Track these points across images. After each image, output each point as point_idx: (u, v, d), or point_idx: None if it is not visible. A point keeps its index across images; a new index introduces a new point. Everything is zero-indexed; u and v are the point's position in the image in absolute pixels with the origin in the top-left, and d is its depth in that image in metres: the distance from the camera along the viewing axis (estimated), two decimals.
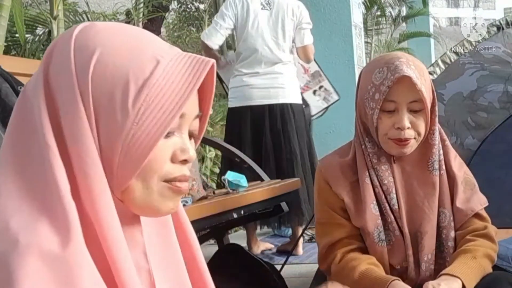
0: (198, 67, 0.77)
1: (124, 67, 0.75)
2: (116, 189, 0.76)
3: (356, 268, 1.56)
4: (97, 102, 0.74)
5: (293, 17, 3.69)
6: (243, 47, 3.72)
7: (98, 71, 0.74)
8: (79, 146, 0.73)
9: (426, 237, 1.61)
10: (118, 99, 0.74)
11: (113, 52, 0.76)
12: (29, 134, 0.75)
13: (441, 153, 1.67)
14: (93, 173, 0.73)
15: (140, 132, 0.74)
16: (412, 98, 1.56)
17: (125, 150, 0.74)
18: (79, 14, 7.11)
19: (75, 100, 0.74)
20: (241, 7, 3.71)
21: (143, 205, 0.78)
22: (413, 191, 1.64)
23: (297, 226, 3.68)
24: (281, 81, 3.64)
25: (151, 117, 0.74)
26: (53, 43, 0.79)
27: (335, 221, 1.66)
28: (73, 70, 0.75)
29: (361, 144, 1.67)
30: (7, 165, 0.74)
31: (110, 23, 0.80)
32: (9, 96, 1.99)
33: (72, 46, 0.76)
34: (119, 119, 0.74)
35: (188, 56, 0.78)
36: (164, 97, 0.75)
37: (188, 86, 0.76)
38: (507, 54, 2.81)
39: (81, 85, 0.74)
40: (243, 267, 2.22)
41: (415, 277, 1.62)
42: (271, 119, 3.63)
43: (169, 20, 11.10)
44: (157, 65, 0.76)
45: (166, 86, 0.75)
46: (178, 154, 0.79)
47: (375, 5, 10.87)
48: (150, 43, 0.79)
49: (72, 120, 0.74)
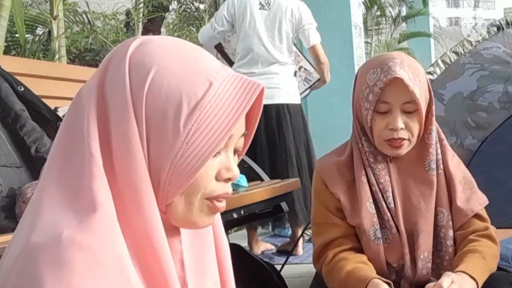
0: (249, 90, 0.80)
1: (178, 87, 0.77)
2: (160, 203, 0.78)
3: (344, 268, 1.57)
4: (149, 120, 0.76)
5: (291, 18, 3.67)
6: (240, 47, 3.71)
7: (152, 90, 0.77)
8: (129, 160, 0.75)
9: (422, 235, 1.61)
10: (170, 118, 0.76)
11: (168, 72, 0.77)
12: (76, 140, 0.77)
13: (438, 152, 1.67)
14: (142, 186, 0.75)
15: (189, 152, 0.76)
16: (405, 99, 1.57)
17: (174, 168, 0.77)
18: (79, 14, 7.12)
19: (129, 115, 0.76)
20: (238, 7, 3.70)
21: (183, 219, 0.81)
22: (409, 190, 1.65)
23: (295, 227, 3.68)
24: (276, 82, 3.62)
25: (200, 138, 0.76)
26: (110, 54, 0.81)
27: (330, 221, 1.67)
28: (128, 86, 0.76)
29: (357, 143, 1.67)
30: (52, 170, 0.77)
31: (167, 40, 0.82)
32: (9, 96, 1.99)
33: (127, 62, 0.78)
34: (170, 138, 0.76)
35: (240, 78, 0.81)
36: (214, 119, 0.77)
37: (238, 109, 0.78)
38: (507, 54, 2.81)
39: (135, 102, 0.76)
40: (243, 267, 2.22)
41: (412, 275, 1.63)
42: (267, 120, 3.62)
43: (169, 20, 11.10)
44: (209, 87, 0.78)
45: (217, 108, 0.77)
46: (223, 173, 0.81)
47: (375, 5, 10.88)
48: (205, 63, 0.80)
49: (124, 134, 0.76)
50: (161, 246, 0.76)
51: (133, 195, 0.75)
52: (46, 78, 2.53)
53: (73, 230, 0.70)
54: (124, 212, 0.74)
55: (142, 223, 0.75)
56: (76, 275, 0.67)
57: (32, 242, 0.70)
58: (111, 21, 8.77)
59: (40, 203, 0.75)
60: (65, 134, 0.79)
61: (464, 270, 1.51)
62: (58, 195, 0.74)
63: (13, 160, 1.89)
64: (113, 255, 0.71)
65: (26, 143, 1.93)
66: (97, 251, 0.69)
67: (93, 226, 0.71)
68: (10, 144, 1.92)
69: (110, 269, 0.70)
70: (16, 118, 1.96)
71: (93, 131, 0.76)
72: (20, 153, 1.92)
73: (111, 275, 0.70)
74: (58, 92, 2.50)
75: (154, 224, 0.75)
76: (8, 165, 1.86)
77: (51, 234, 0.70)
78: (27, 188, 1.71)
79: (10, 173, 1.85)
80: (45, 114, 2.04)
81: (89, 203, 0.72)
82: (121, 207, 0.74)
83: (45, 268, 0.68)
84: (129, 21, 8.50)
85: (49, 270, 0.67)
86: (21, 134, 1.94)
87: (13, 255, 0.72)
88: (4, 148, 1.89)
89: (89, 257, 0.69)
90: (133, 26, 7.88)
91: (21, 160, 1.91)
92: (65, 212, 0.72)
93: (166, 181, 0.77)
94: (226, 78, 0.79)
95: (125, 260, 0.72)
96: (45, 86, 2.43)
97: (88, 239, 0.69)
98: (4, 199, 1.76)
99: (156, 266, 0.76)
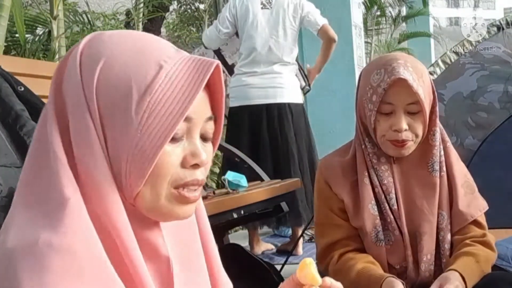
0: (202, 69, 0.76)
1: (127, 74, 0.75)
2: (128, 196, 0.77)
3: (353, 267, 1.57)
4: (102, 112, 0.75)
5: (294, 14, 3.67)
6: (243, 46, 3.72)
7: (102, 81, 0.75)
8: (88, 156, 0.74)
9: (425, 237, 1.61)
10: (121, 107, 0.74)
11: (116, 61, 0.76)
12: (43, 143, 0.77)
13: (442, 154, 1.66)
14: (104, 183, 0.74)
15: (144, 139, 0.74)
16: (409, 100, 1.56)
17: (131, 158, 0.74)
18: (79, 14, 7.11)
19: (83, 111, 0.74)
20: (240, 7, 3.70)
21: (153, 211, 0.78)
22: (412, 192, 1.64)
23: (295, 227, 3.67)
24: (279, 81, 3.63)
25: (154, 123, 0.74)
26: (66, 54, 0.80)
27: (334, 222, 1.66)
28: (80, 81, 0.75)
29: (361, 144, 1.67)
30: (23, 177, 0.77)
31: (116, 32, 0.80)
32: (9, 96, 1.99)
33: (78, 58, 0.77)
34: (124, 127, 0.74)
35: (193, 59, 0.77)
36: (167, 102, 0.74)
37: (192, 90, 0.75)
38: (507, 54, 2.81)
39: (88, 96, 0.75)
40: (243, 267, 2.22)
41: (415, 277, 1.62)
42: (269, 119, 3.63)
43: (169, 20, 11.10)
44: (159, 70, 0.75)
45: (169, 91, 0.75)
46: (188, 159, 0.78)
47: (375, 5, 10.87)
48: (155, 48, 0.78)
49: (81, 130, 0.74)
50: (129, 242, 0.74)
51: (96, 192, 0.74)
52: (46, 78, 2.53)
53: (48, 233, 0.69)
54: (91, 208, 0.73)
55: (108, 220, 0.74)
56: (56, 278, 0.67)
57: (9, 248, 0.69)
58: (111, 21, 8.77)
59: (14, 210, 0.75)
60: (34, 140, 0.78)
61: (455, 268, 1.52)
62: (30, 199, 0.74)
63: (13, 160, 1.89)
64: (90, 255, 0.70)
65: (26, 143, 1.92)
66: (74, 252, 0.69)
67: (66, 225, 0.70)
68: (10, 144, 1.92)
69: (89, 269, 0.69)
70: (16, 118, 1.96)
71: (55, 131, 0.75)
72: (20, 153, 1.92)
73: (91, 275, 0.69)
74: None
75: (119, 221, 0.74)
76: (8, 165, 1.86)
77: (27, 239, 0.69)
78: None
79: (10, 173, 1.85)
80: None
81: (59, 201, 0.71)
82: (88, 204, 0.73)
83: (24, 273, 0.67)
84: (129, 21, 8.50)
85: (28, 275, 0.67)
86: (21, 134, 1.94)
87: None
88: (4, 148, 1.89)
89: (66, 259, 0.68)
90: (133, 26, 7.87)
91: (21, 160, 1.91)
92: (38, 214, 0.71)
93: (127, 172, 0.75)
94: (179, 61, 0.77)
95: (103, 259, 0.71)
96: (45, 86, 2.42)
97: (64, 241, 0.69)
98: (4, 199, 1.76)
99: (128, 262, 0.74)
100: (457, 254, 1.60)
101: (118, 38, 0.79)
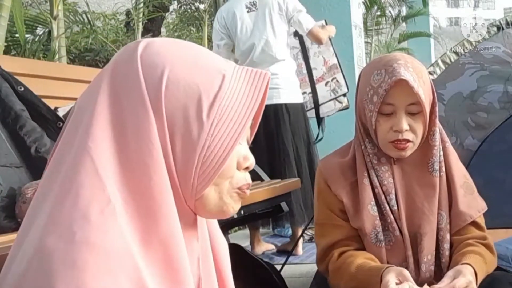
0: (259, 78, 0.83)
1: (195, 82, 0.79)
2: (189, 199, 0.81)
3: (353, 263, 1.57)
4: (170, 117, 0.78)
5: (280, 11, 3.68)
6: (238, 53, 3.76)
7: (170, 87, 0.78)
8: (148, 160, 0.76)
9: (426, 238, 1.61)
10: (192, 112, 0.78)
11: (181, 69, 0.80)
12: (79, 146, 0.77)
13: (441, 154, 1.66)
14: (161, 188, 0.76)
15: (215, 143, 0.79)
16: (409, 101, 1.56)
17: (201, 161, 0.79)
18: (79, 14, 7.12)
19: (148, 116, 0.77)
20: (227, 16, 3.75)
21: (215, 210, 0.84)
22: (413, 192, 1.64)
23: (295, 227, 3.68)
24: (276, 82, 3.62)
25: (224, 127, 0.79)
26: (114, 60, 0.82)
27: (334, 222, 1.66)
28: (144, 88, 0.78)
29: (361, 145, 1.67)
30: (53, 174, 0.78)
31: (167, 40, 0.85)
32: (9, 96, 1.99)
33: (139, 64, 0.79)
34: (195, 132, 0.78)
35: (246, 69, 0.84)
36: (233, 109, 0.80)
37: (253, 97, 0.82)
38: (507, 54, 2.80)
39: (154, 101, 0.77)
40: (243, 267, 2.21)
41: (415, 277, 1.62)
42: (265, 121, 3.61)
43: (169, 20, 11.10)
44: (223, 79, 0.81)
45: (233, 98, 0.81)
46: (241, 162, 0.85)
47: (375, 5, 10.88)
48: (212, 58, 0.84)
49: (143, 134, 0.76)
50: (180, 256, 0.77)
51: (151, 198, 0.76)
52: (46, 78, 2.53)
53: (85, 232, 0.70)
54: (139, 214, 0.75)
55: (160, 229, 0.76)
56: (90, 275, 0.68)
57: (47, 245, 0.70)
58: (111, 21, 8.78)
59: (46, 204, 0.75)
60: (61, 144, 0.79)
61: (470, 263, 1.51)
62: (69, 197, 0.74)
63: (13, 160, 1.89)
64: (124, 255, 0.71)
65: (26, 143, 1.92)
66: (109, 251, 0.70)
67: (103, 225, 0.71)
68: (10, 144, 1.92)
69: (122, 269, 0.71)
70: (16, 118, 1.96)
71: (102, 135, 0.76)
72: (20, 153, 1.92)
73: (123, 275, 0.71)
74: (58, 92, 2.50)
75: (175, 233, 0.76)
76: (8, 165, 1.86)
77: (65, 235, 0.71)
78: (27, 188, 1.71)
79: (10, 173, 1.85)
80: (45, 114, 2.04)
81: (98, 203, 0.73)
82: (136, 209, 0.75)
83: (59, 268, 0.69)
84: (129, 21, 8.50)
85: (63, 271, 0.68)
86: (21, 134, 1.94)
87: (24, 257, 0.72)
88: (4, 148, 1.89)
89: (101, 257, 0.70)
90: (133, 26, 7.87)
91: (21, 160, 1.91)
92: (77, 212, 0.72)
93: (195, 175, 0.79)
94: (234, 70, 0.83)
95: (136, 260, 0.72)
96: (45, 86, 2.43)
97: (99, 239, 0.70)
98: (4, 199, 1.76)
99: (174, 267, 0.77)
100: (464, 252, 1.59)
101: (174, 46, 0.83)
